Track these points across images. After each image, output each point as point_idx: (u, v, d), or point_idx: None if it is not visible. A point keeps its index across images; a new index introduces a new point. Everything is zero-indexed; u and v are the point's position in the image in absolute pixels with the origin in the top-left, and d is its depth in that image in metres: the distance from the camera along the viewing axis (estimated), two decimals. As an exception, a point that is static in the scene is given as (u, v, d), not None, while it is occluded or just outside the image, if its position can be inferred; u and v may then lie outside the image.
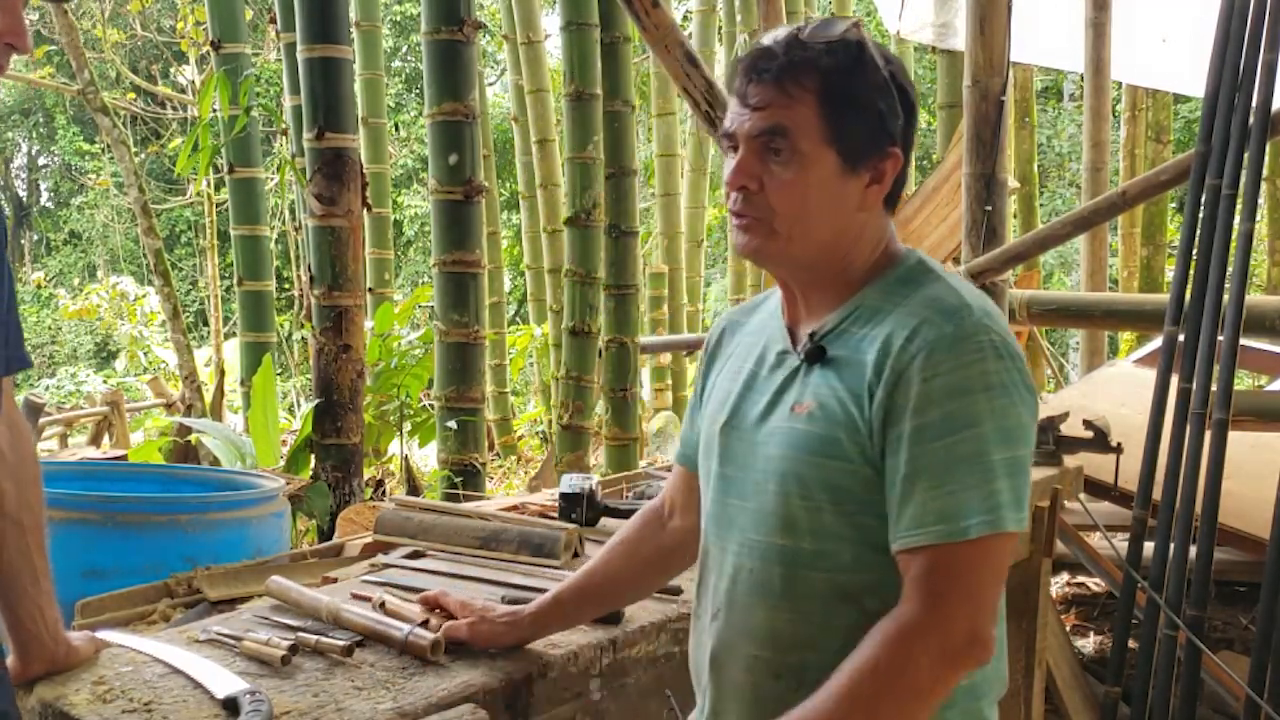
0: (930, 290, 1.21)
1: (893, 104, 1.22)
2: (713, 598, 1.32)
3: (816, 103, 1.19)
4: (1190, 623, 2.73)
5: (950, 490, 1.13)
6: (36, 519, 1.43)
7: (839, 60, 1.19)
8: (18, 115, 19.06)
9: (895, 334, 1.18)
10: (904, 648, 1.12)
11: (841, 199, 1.22)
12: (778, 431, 1.25)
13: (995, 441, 1.14)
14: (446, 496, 4.16)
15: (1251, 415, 3.12)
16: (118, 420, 7.88)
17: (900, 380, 1.16)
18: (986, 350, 1.16)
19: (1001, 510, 1.14)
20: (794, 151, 1.20)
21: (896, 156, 1.23)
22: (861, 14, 14.65)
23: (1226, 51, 2.94)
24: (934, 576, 1.14)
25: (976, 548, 1.14)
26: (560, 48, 5.71)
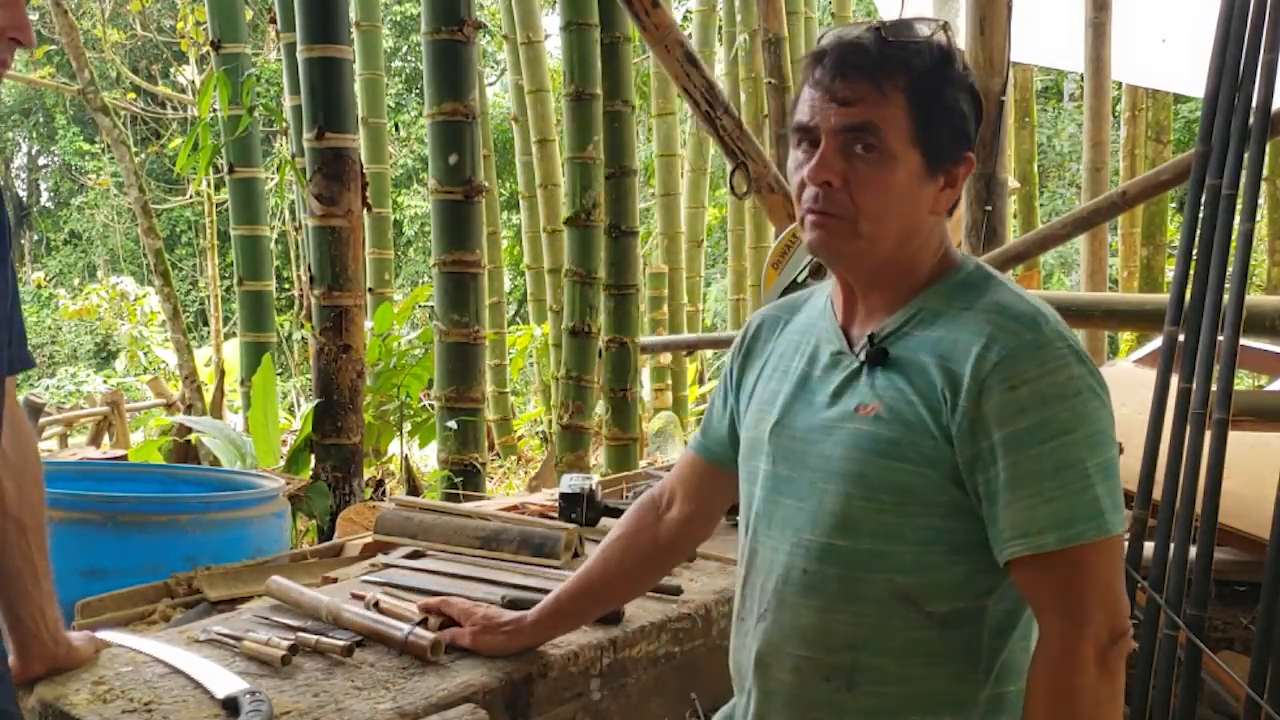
0: (997, 296, 1.22)
1: (971, 110, 1.23)
2: (760, 598, 1.30)
3: (907, 102, 1.19)
4: (1190, 623, 2.73)
5: (1052, 498, 1.13)
6: (38, 519, 1.43)
7: (930, 61, 1.20)
8: (18, 115, 19.05)
9: (969, 341, 1.18)
10: (1068, 669, 1.14)
11: (919, 201, 1.23)
12: (839, 432, 1.24)
13: (1088, 446, 1.15)
14: (446, 496, 4.16)
15: (1251, 415, 3.12)
16: (118, 420, 7.89)
17: (983, 389, 1.16)
18: (1068, 356, 1.17)
19: (1105, 515, 1.15)
20: (883, 150, 1.19)
21: (970, 161, 1.24)
22: (861, 14, 14.66)
23: (1226, 51, 2.94)
24: (1061, 587, 1.15)
25: (1091, 552, 1.15)
26: (560, 48, 5.71)
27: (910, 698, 1.21)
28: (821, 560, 1.24)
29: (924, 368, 1.20)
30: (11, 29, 1.25)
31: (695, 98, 3.39)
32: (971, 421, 1.16)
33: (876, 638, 1.22)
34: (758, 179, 3.39)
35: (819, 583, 1.24)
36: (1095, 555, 1.15)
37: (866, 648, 1.22)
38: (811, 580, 1.24)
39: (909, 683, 1.21)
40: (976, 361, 1.16)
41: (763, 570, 1.31)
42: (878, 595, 1.20)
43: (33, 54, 6.82)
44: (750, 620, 1.32)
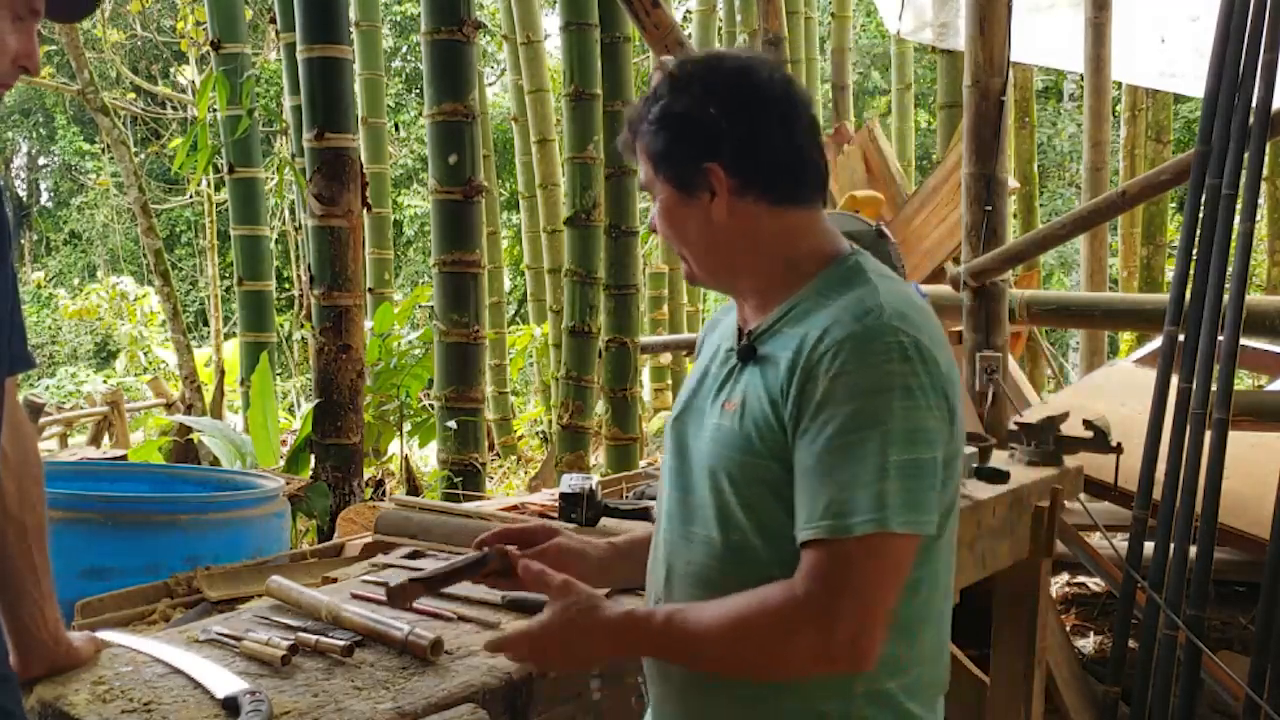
0: (855, 291, 1.25)
1: (700, 124, 1.28)
2: (655, 587, 1.36)
3: (646, 151, 1.33)
4: (1190, 623, 2.73)
5: (841, 486, 1.15)
6: (38, 519, 1.43)
7: (649, 106, 1.33)
8: (18, 115, 19.05)
9: (811, 333, 1.22)
10: (785, 624, 1.16)
11: (694, 219, 1.31)
12: (709, 427, 1.30)
13: (894, 442, 1.15)
14: (446, 496, 4.16)
15: (1251, 415, 3.12)
16: (118, 420, 7.89)
17: (809, 378, 1.19)
18: (893, 352, 1.17)
19: (888, 511, 1.14)
20: (654, 193, 1.35)
21: (715, 170, 1.28)
22: (861, 14, 14.66)
23: (1226, 51, 2.94)
24: (822, 570, 1.15)
25: (863, 545, 1.14)
26: (560, 48, 5.72)
27: (787, 687, 1.24)
28: (705, 552, 1.28)
29: (779, 362, 1.24)
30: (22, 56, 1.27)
31: (695, 98, 3.39)
32: (797, 409, 1.20)
33: None
34: (758, 179, 3.38)
35: (699, 573, 1.29)
36: (864, 551, 1.15)
37: None
38: (693, 570, 1.29)
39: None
40: (809, 353, 1.20)
41: (659, 560, 1.36)
42: (749, 587, 1.21)
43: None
44: (652, 606, 1.37)
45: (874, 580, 1.16)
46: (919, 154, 12.23)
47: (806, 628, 1.15)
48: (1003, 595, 2.90)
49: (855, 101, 12.41)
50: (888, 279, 1.28)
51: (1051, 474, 2.97)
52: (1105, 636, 4.09)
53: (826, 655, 1.15)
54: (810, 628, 1.14)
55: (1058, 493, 2.88)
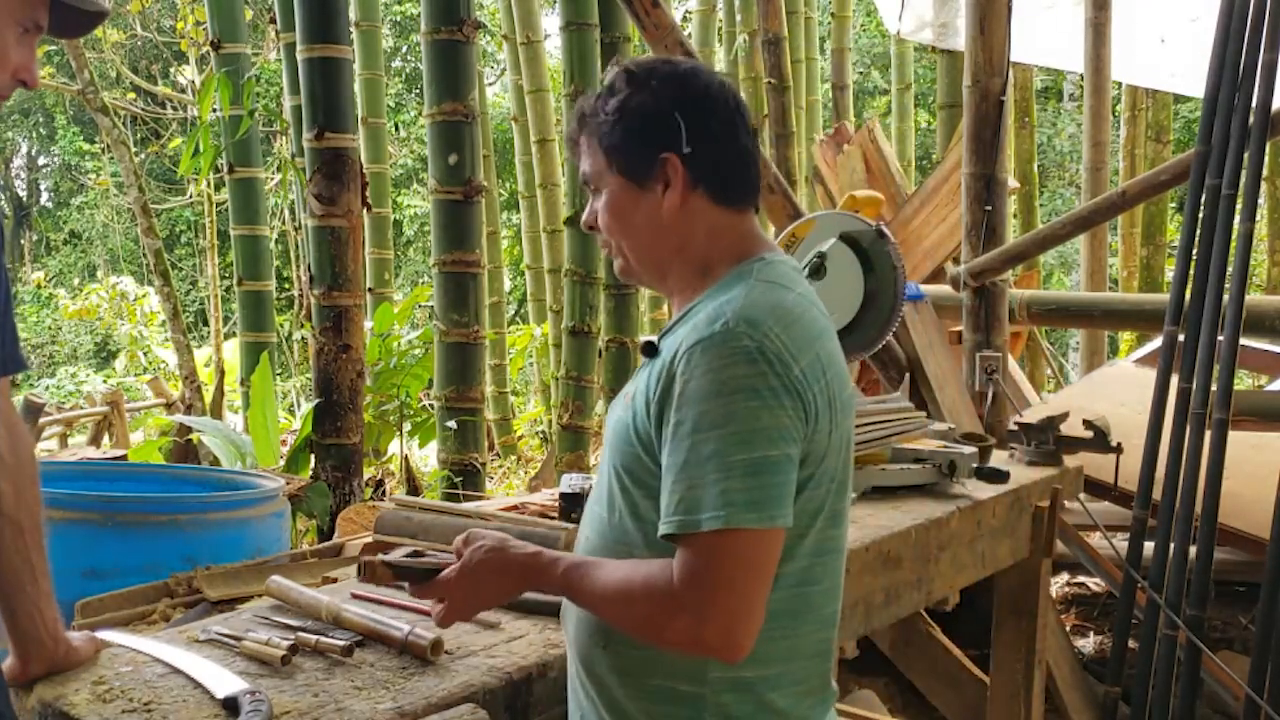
0: (724, 295, 1.30)
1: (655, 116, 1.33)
2: None
3: (596, 144, 1.37)
4: (1190, 623, 2.73)
5: (690, 484, 1.21)
6: (34, 519, 1.43)
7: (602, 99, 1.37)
8: (18, 115, 19.05)
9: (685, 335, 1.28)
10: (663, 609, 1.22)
11: (643, 212, 1.36)
12: (614, 418, 1.38)
13: (737, 442, 1.20)
14: (446, 496, 4.16)
15: (1251, 415, 3.13)
16: (118, 420, 7.89)
17: (671, 380, 1.25)
18: (738, 356, 1.22)
19: (733, 507, 1.19)
20: (598, 189, 1.39)
21: (672, 160, 1.33)
22: (861, 14, 14.66)
23: (1226, 51, 2.94)
24: (686, 564, 1.21)
25: (716, 541, 1.20)
26: (560, 48, 5.72)
27: (649, 663, 1.31)
28: (594, 529, 1.38)
29: (662, 359, 1.30)
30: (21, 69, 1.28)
31: (695, 98, 3.39)
32: (661, 409, 1.26)
33: None
34: (758, 179, 3.38)
35: (588, 547, 1.39)
36: (718, 546, 1.20)
37: None
38: (589, 545, 1.39)
39: (646, 649, 1.30)
40: (674, 354, 1.26)
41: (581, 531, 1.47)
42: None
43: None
44: None
45: (738, 574, 1.20)
46: (919, 154, 12.23)
47: (682, 615, 1.21)
48: (1003, 595, 2.90)
49: (855, 101, 12.42)
50: (768, 284, 1.31)
51: (1051, 474, 2.97)
52: (1105, 636, 4.09)
53: (701, 643, 1.21)
54: (685, 616, 1.20)
55: (1058, 493, 2.88)
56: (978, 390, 3.69)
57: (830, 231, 2.83)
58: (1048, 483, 2.91)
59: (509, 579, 1.35)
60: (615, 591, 1.27)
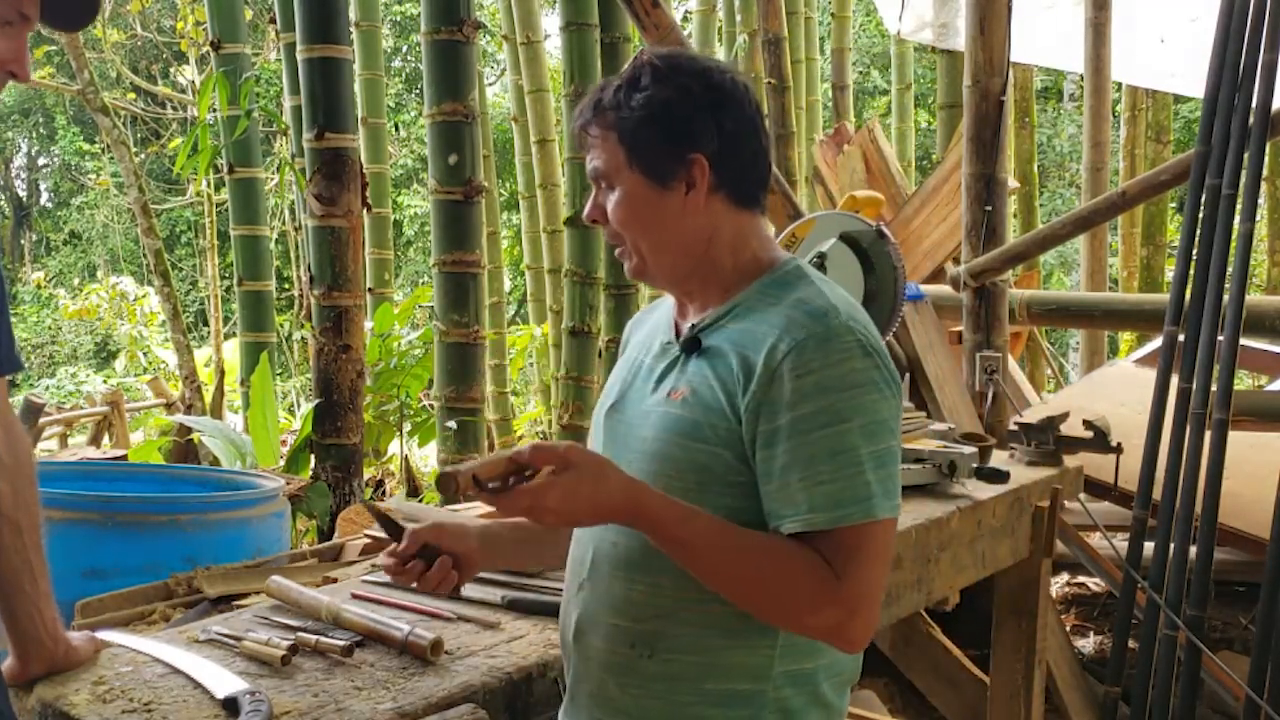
0: (799, 292, 1.30)
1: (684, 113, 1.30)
2: (579, 569, 1.39)
3: (615, 136, 1.33)
4: (1190, 623, 2.73)
5: (824, 481, 1.21)
6: (33, 519, 1.43)
7: (625, 91, 1.32)
8: (18, 115, 19.04)
9: (766, 332, 1.27)
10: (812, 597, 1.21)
11: (664, 211, 1.33)
12: (653, 415, 1.33)
13: (863, 435, 1.22)
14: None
15: (1251, 415, 3.13)
16: (118, 420, 7.88)
17: (773, 378, 1.23)
18: (854, 349, 1.24)
19: (873, 500, 1.21)
20: (612, 184, 1.35)
21: (700, 160, 1.31)
22: (861, 14, 14.66)
23: (1226, 51, 2.94)
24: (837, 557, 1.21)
25: (864, 533, 1.22)
26: (560, 48, 5.72)
27: (707, 667, 1.29)
28: (628, 534, 1.30)
29: (726, 355, 1.29)
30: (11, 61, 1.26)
31: (695, 98, 3.39)
32: (759, 404, 1.24)
33: (676, 609, 1.29)
34: (758, 179, 3.38)
35: (625, 555, 1.32)
36: (853, 537, 1.22)
37: (668, 618, 1.30)
38: (620, 552, 1.33)
39: (706, 653, 1.28)
40: (769, 351, 1.24)
41: (581, 542, 1.39)
42: (675, 568, 1.26)
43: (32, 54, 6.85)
44: (572, 591, 1.40)
45: (878, 566, 1.24)
46: (919, 154, 12.23)
47: (833, 607, 1.21)
48: (1003, 595, 2.90)
49: (855, 101, 12.42)
50: (828, 283, 1.35)
51: (1051, 474, 2.97)
52: (1105, 636, 4.09)
53: (841, 633, 1.23)
54: (836, 608, 1.21)
55: (1058, 493, 2.88)
56: (978, 390, 3.69)
57: (830, 231, 2.83)
58: (1048, 483, 2.91)
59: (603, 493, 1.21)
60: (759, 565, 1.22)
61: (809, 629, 1.24)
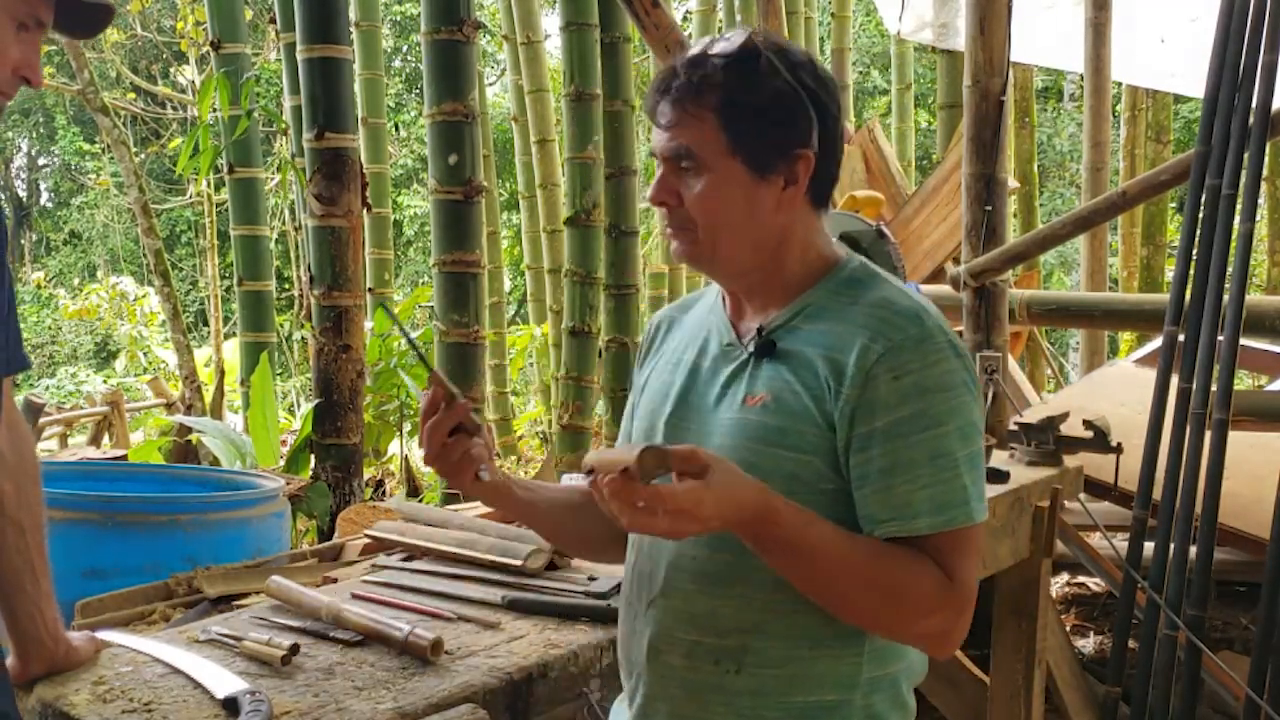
0: (882, 293, 1.27)
1: (797, 108, 1.25)
2: (650, 584, 1.33)
3: (716, 118, 1.24)
4: (1190, 623, 2.73)
5: (925, 485, 1.19)
6: (36, 519, 1.43)
7: (734, 73, 1.24)
8: (18, 115, 19.03)
9: (854, 333, 1.23)
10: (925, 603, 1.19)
11: (756, 204, 1.27)
12: (728, 422, 1.28)
13: (960, 438, 1.20)
14: (446, 497, 4.16)
15: (1251, 415, 3.12)
16: (118, 420, 7.88)
17: (868, 379, 1.20)
18: (947, 350, 1.22)
19: (972, 503, 1.21)
20: (701, 166, 1.25)
21: (808, 157, 1.26)
22: (861, 14, 14.66)
23: (1226, 51, 2.94)
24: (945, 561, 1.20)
25: (955, 538, 1.20)
26: (560, 48, 5.72)
27: (795, 679, 1.25)
28: (711, 547, 1.26)
29: (809, 359, 1.24)
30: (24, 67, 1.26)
31: (695, 98, 3.39)
32: (854, 409, 1.21)
33: (764, 622, 1.25)
34: (758, 179, 3.38)
35: (709, 569, 1.27)
36: (958, 540, 1.21)
37: (755, 631, 1.26)
38: (701, 566, 1.28)
39: (794, 664, 1.25)
40: (861, 353, 1.21)
41: (652, 557, 1.33)
42: (768, 581, 1.23)
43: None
44: (640, 606, 1.34)
45: (974, 570, 1.23)
46: (919, 154, 12.22)
47: (941, 612, 1.20)
48: (1003, 595, 2.90)
49: (855, 101, 12.42)
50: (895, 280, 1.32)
51: (1051, 474, 2.97)
52: (1105, 636, 4.09)
53: (946, 638, 1.22)
54: (945, 613, 1.20)
55: (1058, 493, 2.88)
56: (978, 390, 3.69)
57: (830, 231, 2.82)
58: (1048, 483, 2.91)
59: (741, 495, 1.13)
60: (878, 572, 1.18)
61: (915, 634, 1.23)
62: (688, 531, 1.11)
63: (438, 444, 1.30)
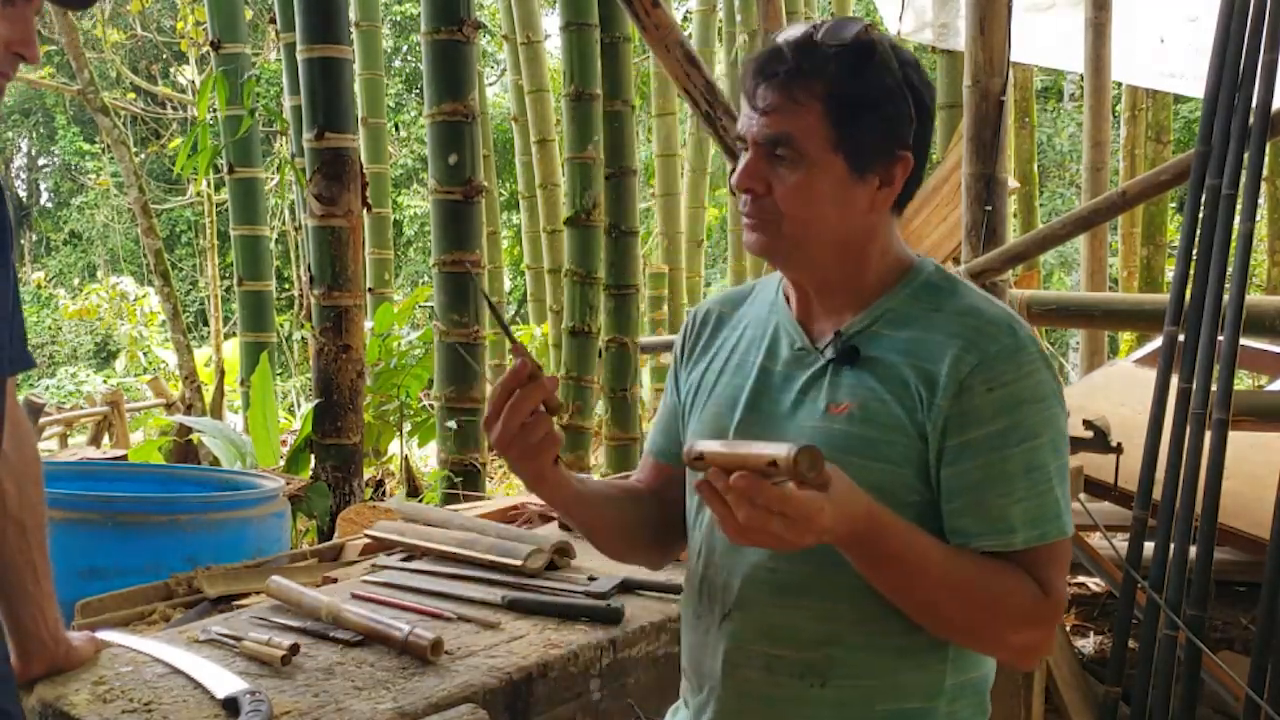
0: (967, 300, 1.25)
1: (903, 107, 1.21)
2: (723, 597, 1.28)
3: (823, 109, 1.18)
4: (1190, 623, 2.73)
5: (1021, 499, 1.18)
6: (38, 519, 1.43)
7: (847, 65, 1.18)
8: (18, 115, 19.04)
9: (945, 342, 1.20)
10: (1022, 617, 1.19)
11: (849, 203, 1.22)
12: (810, 431, 1.23)
13: (1052, 450, 1.20)
14: (446, 497, 4.16)
15: (1251, 415, 3.12)
16: (118, 420, 7.89)
17: (962, 389, 1.18)
18: (1039, 362, 1.20)
19: (1064, 517, 1.20)
20: (800, 157, 1.19)
21: (907, 160, 1.22)
22: (861, 14, 14.67)
23: (1226, 51, 2.94)
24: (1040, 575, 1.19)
25: (1060, 550, 1.21)
26: (560, 48, 5.72)
27: (880, 689, 1.23)
28: (788, 559, 1.22)
29: (896, 367, 1.21)
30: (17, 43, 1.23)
31: (695, 98, 3.39)
32: (947, 419, 1.18)
33: (847, 633, 1.22)
34: (758, 179, 3.38)
35: (790, 580, 1.23)
36: (1052, 553, 1.20)
37: (837, 643, 1.23)
38: (782, 578, 1.23)
39: (880, 675, 1.23)
40: (954, 363, 1.18)
41: (724, 568, 1.28)
42: (850, 591, 1.20)
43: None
44: (712, 619, 1.29)
45: (1062, 577, 1.22)
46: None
47: (1036, 626, 1.20)
48: (1003, 595, 2.90)
49: (855, 101, 12.36)
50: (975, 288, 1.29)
51: (1051, 474, 2.96)
52: (1105, 636, 4.09)
53: (1037, 651, 1.23)
54: (1039, 627, 1.20)
55: (1058, 493, 2.88)
56: (978, 390, 3.68)
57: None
58: (1048, 483, 2.90)
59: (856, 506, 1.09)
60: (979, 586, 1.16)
61: (1007, 647, 1.21)
62: (801, 543, 1.04)
63: (516, 423, 1.18)
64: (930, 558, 1.15)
